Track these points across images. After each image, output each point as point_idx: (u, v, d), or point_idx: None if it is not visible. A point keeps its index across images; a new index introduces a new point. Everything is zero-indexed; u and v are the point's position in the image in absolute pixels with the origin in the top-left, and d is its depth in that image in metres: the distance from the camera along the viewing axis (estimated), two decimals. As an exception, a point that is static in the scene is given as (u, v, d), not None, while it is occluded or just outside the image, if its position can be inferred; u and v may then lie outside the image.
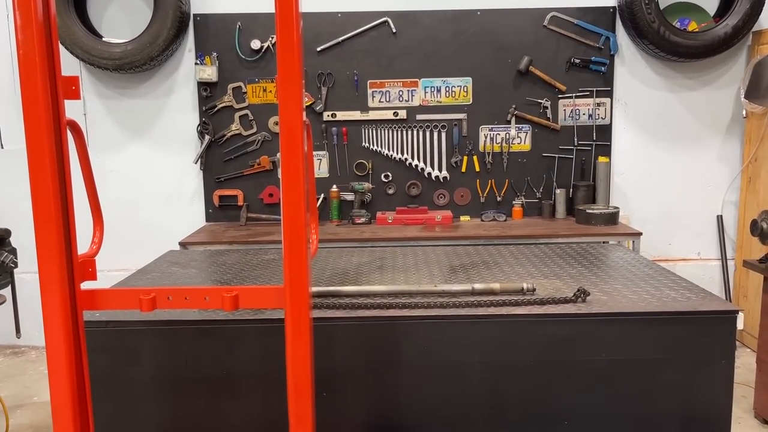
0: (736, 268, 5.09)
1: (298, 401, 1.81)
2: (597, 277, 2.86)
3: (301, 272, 1.74)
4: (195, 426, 2.39)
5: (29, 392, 4.21)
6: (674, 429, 2.43)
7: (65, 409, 1.79)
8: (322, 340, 2.27)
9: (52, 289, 1.70)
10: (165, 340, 2.35)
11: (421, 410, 2.41)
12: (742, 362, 4.34)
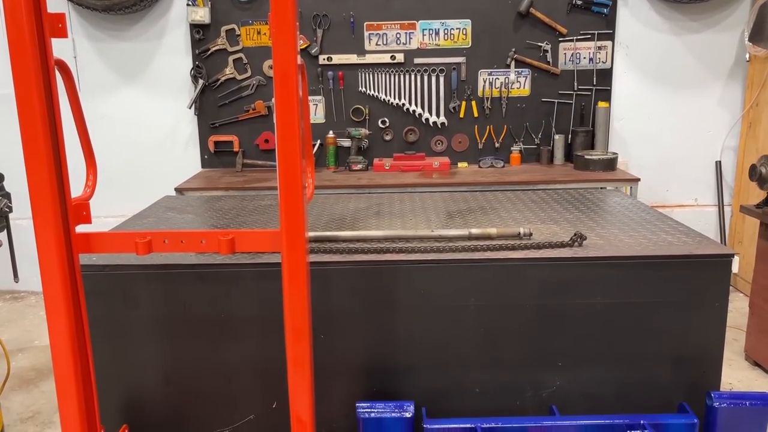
0: (733, 214, 5.11)
1: (295, 344, 1.83)
2: (594, 222, 2.86)
3: (297, 216, 1.73)
4: (194, 368, 2.43)
5: (30, 336, 4.26)
6: (666, 370, 2.47)
7: (65, 351, 1.81)
8: (319, 283, 2.28)
9: (46, 233, 1.69)
10: (162, 284, 2.36)
11: (417, 352, 2.45)
12: (735, 306, 4.40)
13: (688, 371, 2.47)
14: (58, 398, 1.86)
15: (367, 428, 2.27)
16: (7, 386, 3.48)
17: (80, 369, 1.87)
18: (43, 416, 3.24)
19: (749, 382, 3.50)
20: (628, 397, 2.48)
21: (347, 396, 2.44)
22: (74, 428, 1.88)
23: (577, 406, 2.45)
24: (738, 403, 2.29)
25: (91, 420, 1.96)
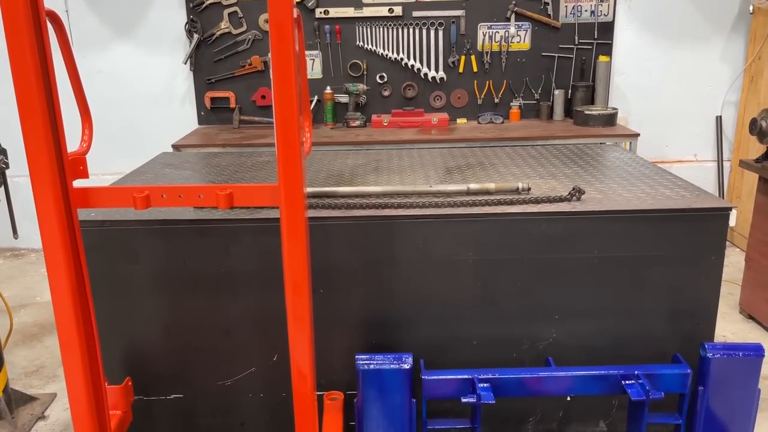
0: (732, 169, 5.10)
1: (295, 298, 1.85)
2: (593, 176, 2.86)
3: (295, 170, 1.72)
4: (195, 323, 2.46)
5: (32, 293, 4.29)
6: (662, 323, 2.50)
7: (66, 306, 1.82)
8: (318, 239, 2.29)
9: (44, 188, 1.68)
10: (162, 239, 2.36)
11: (415, 306, 2.47)
12: (731, 261, 4.43)
13: (683, 323, 2.50)
14: (62, 352, 1.88)
15: (366, 380, 2.31)
16: (10, 341, 3.52)
17: (82, 323, 1.89)
18: (47, 370, 3.29)
19: (743, 334, 3.55)
20: (623, 349, 2.52)
21: (347, 348, 2.47)
22: (78, 381, 1.91)
23: (572, 357, 2.49)
24: (731, 354, 2.32)
25: (94, 373, 1.99)
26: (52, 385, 3.15)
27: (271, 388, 2.53)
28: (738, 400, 2.37)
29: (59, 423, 2.83)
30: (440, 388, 2.34)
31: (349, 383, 2.50)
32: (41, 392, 3.06)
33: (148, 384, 2.52)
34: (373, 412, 2.35)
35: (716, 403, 2.38)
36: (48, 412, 2.91)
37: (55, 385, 3.14)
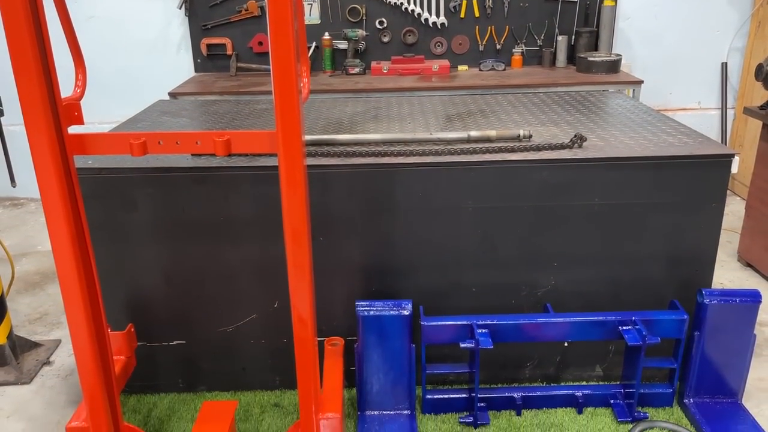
0: (735, 117, 5.04)
1: (295, 246, 1.84)
2: (595, 124, 2.83)
3: (293, 116, 1.70)
4: (195, 270, 2.47)
5: (33, 242, 4.30)
6: (660, 270, 2.52)
7: (66, 254, 1.82)
8: (318, 187, 2.28)
9: (38, 134, 1.66)
10: (160, 187, 2.35)
11: (415, 253, 2.48)
12: (731, 210, 4.42)
13: (681, 270, 2.52)
14: (64, 300, 1.90)
15: (366, 326, 2.34)
16: (13, 289, 3.55)
17: (83, 271, 1.89)
18: (51, 317, 3.33)
19: (740, 282, 3.57)
20: (621, 295, 2.54)
21: (347, 295, 2.49)
22: (81, 328, 1.93)
23: (571, 304, 2.52)
24: (728, 300, 2.34)
25: (97, 320, 2.00)
26: (57, 332, 3.19)
27: (272, 334, 2.57)
28: (733, 346, 2.41)
29: (64, 368, 2.88)
30: (439, 333, 2.37)
31: (349, 329, 2.53)
32: (45, 339, 3.10)
33: (151, 330, 2.55)
34: (373, 357, 2.39)
35: (711, 348, 2.41)
36: (53, 357, 2.96)
37: (59, 331, 3.18)
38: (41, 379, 2.83)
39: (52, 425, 2.53)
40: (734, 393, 2.49)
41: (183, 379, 2.66)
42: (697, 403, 2.48)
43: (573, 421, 2.47)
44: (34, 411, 2.62)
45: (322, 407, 2.11)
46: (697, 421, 2.39)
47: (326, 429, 2.10)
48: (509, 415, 2.50)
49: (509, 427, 2.44)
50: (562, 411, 2.52)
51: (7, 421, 2.57)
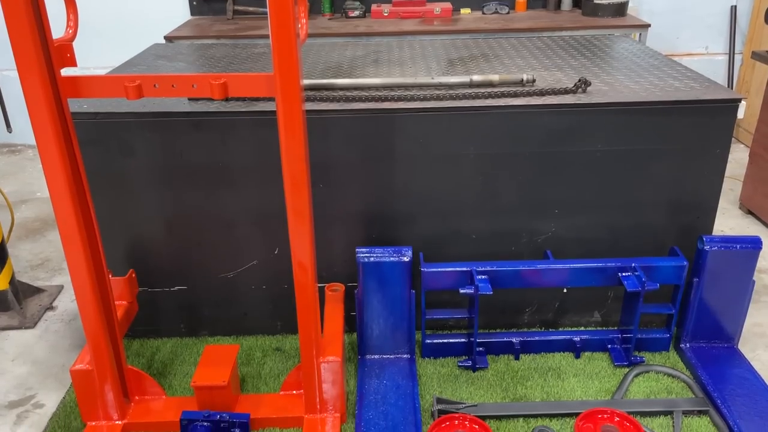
0: (743, 62, 4.95)
1: (294, 193, 1.83)
2: (600, 68, 2.77)
3: (291, 58, 1.66)
4: (195, 216, 2.46)
5: (32, 188, 4.29)
6: (661, 217, 2.51)
7: (64, 199, 1.81)
8: (317, 133, 2.24)
9: (31, 76, 1.62)
10: (157, 132, 2.32)
11: (415, 200, 2.47)
12: (734, 157, 4.39)
13: (683, 217, 2.51)
14: (64, 245, 1.90)
15: (366, 272, 2.35)
16: (13, 236, 3.55)
17: (81, 217, 1.89)
18: (53, 263, 3.35)
19: (741, 229, 3.57)
20: (622, 242, 2.54)
21: (347, 242, 2.49)
22: (82, 274, 1.94)
23: (571, 251, 2.52)
24: (728, 247, 2.34)
25: (97, 266, 2.01)
26: (59, 278, 3.20)
27: (272, 280, 2.58)
28: (731, 292, 2.42)
29: (68, 313, 2.90)
30: (439, 279, 2.38)
31: (349, 275, 2.54)
32: (48, 284, 3.12)
33: (152, 276, 2.56)
34: (374, 303, 2.41)
35: (710, 294, 2.42)
36: (56, 303, 2.98)
37: (61, 277, 3.20)
38: (45, 323, 2.86)
39: (57, 368, 2.57)
40: (730, 338, 2.51)
41: (185, 324, 2.69)
42: (693, 347, 2.51)
43: (570, 365, 2.50)
44: (38, 354, 2.66)
45: (322, 351, 2.14)
46: (693, 365, 2.42)
47: (327, 372, 2.13)
48: (507, 359, 2.54)
49: (507, 370, 2.47)
50: (560, 355, 2.55)
51: (12, 365, 2.61)
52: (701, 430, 2.17)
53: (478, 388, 2.38)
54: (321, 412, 2.19)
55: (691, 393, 2.33)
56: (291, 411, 2.21)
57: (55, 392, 2.43)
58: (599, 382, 2.41)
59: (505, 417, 2.23)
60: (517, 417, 2.23)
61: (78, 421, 2.23)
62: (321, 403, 2.18)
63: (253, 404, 2.24)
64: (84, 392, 2.13)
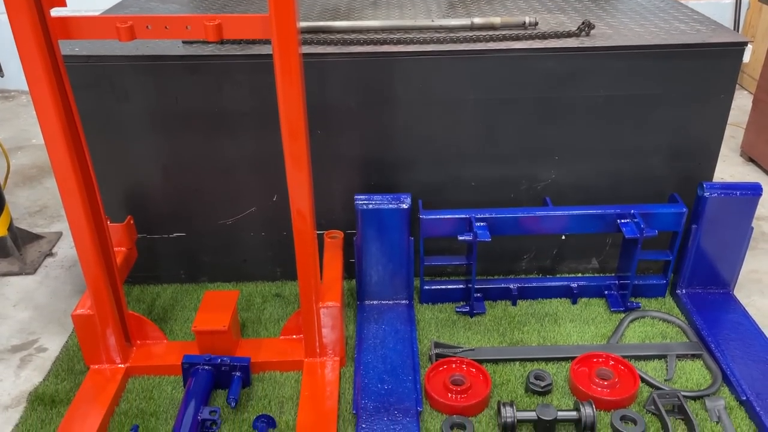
0: (750, 7, 4.84)
1: (292, 140, 1.81)
2: (604, 11, 2.70)
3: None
4: (192, 163, 2.44)
5: (27, 135, 4.24)
6: (662, 163, 2.49)
7: (59, 144, 1.79)
8: (314, 77, 2.20)
9: (20, 16, 1.57)
10: (152, 76, 2.27)
11: (414, 147, 2.44)
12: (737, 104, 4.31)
13: (684, 164, 2.49)
14: (60, 192, 1.88)
15: (365, 219, 2.34)
16: (10, 182, 3.53)
17: (77, 163, 1.87)
18: (51, 210, 3.34)
19: (741, 176, 3.56)
20: (622, 190, 2.53)
21: (346, 189, 2.48)
22: (80, 220, 1.93)
23: (570, 197, 2.51)
24: (728, 193, 2.33)
25: (95, 212, 2.00)
26: (57, 225, 3.20)
27: (271, 227, 2.58)
28: (729, 238, 2.42)
29: (67, 259, 2.91)
30: (438, 227, 2.38)
31: (348, 222, 2.54)
32: (47, 231, 3.12)
33: (151, 223, 2.56)
34: (372, 250, 2.41)
35: (708, 241, 2.43)
36: (55, 249, 2.99)
37: (60, 224, 3.20)
38: (45, 269, 2.88)
39: (59, 313, 2.59)
40: (726, 284, 2.53)
41: (185, 271, 2.70)
42: (689, 293, 2.53)
43: (567, 310, 2.53)
44: (39, 300, 2.68)
45: (322, 297, 2.15)
46: (688, 310, 2.45)
47: (326, 317, 2.15)
48: (505, 305, 2.56)
49: (504, 316, 2.50)
50: (557, 301, 2.58)
51: (13, 310, 2.63)
52: (694, 373, 2.21)
53: (476, 333, 2.41)
54: (321, 355, 2.22)
55: (686, 338, 2.37)
56: (291, 355, 2.25)
57: (57, 336, 2.46)
58: (595, 327, 2.44)
59: (502, 361, 2.27)
60: (514, 361, 2.27)
61: (81, 364, 2.27)
62: (321, 347, 2.21)
63: (254, 348, 2.27)
64: (86, 336, 2.15)
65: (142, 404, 2.11)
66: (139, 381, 2.20)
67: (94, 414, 2.01)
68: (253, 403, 2.11)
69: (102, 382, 2.15)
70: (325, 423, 1.98)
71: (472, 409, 2.05)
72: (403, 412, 2.00)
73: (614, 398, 2.05)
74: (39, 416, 2.08)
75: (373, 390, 2.10)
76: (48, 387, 2.20)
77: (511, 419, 1.96)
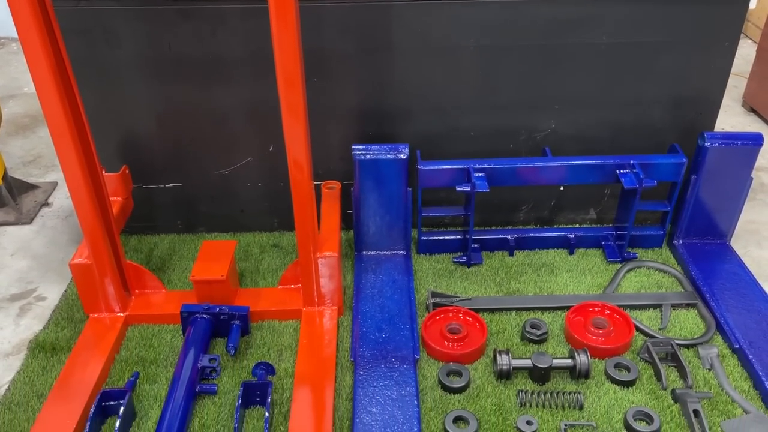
0: (757, -48, 4.71)
1: (288, 89, 1.77)
2: (608, -46, 2.62)
3: (283, -61, 1.55)
4: (187, 111, 2.40)
5: (18, 83, 4.17)
6: (663, 112, 2.46)
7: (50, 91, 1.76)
8: (310, 23, 2.14)
9: (4, -42, 1.52)
10: (143, 22, 2.21)
11: (413, 96, 2.40)
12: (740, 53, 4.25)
13: (685, 113, 2.46)
14: (54, 140, 1.86)
15: (362, 169, 2.33)
16: (3, 132, 3.49)
17: (70, 111, 1.84)
18: (45, 160, 3.31)
19: (743, 127, 3.52)
20: (622, 140, 2.51)
21: (343, 139, 2.45)
22: (74, 169, 1.91)
23: (570, 148, 2.49)
24: (729, 143, 2.31)
25: (90, 161, 1.98)
26: (52, 174, 3.18)
27: (268, 178, 2.56)
28: (728, 189, 2.42)
29: (64, 209, 2.90)
30: (436, 177, 2.37)
31: (346, 173, 2.52)
32: (42, 181, 3.09)
33: (147, 173, 2.54)
34: (370, 201, 2.40)
35: (707, 191, 2.42)
36: (51, 199, 2.97)
37: (55, 174, 3.17)
38: (41, 219, 2.87)
39: (57, 262, 2.59)
40: (723, 235, 2.54)
41: (182, 221, 2.69)
42: (686, 244, 2.54)
43: (564, 261, 2.54)
44: (37, 249, 2.68)
45: (319, 247, 2.15)
46: (685, 260, 2.46)
47: (324, 267, 2.15)
48: (502, 255, 2.57)
49: (501, 266, 2.51)
50: (554, 252, 2.59)
51: (11, 259, 2.64)
52: (688, 322, 2.23)
53: (473, 283, 2.43)
54: (319, 305, 2.24)
55: (681, 287, 2.39)
56: (289, 304, 2.26)
57: (56, 285, 2.47)
58: (592, 277, 2.45)
59: (498, 310, 2.29)
60: (510, 310, 2.29)
61: (80, 313, 2.28)
62: (319, 297, 2.22)
63: (252, 298, 2.28)
64: (84, 285, 2.16)
65: (142, 352, 2.14)
66: (138, 330, 2.22)
67: (95, 361, 2.04)
68: (252, 351, 2.14)
69: (102, 330, 2.17)
70: (324, 370, 2.01)
71: (469, 357, 2.08)
72: (401, 360, 2.03)
73: (609, 346, 2.08)
74: (40, 363, 2.10)
75: (370, 338, 2.12)
76: (48, 335, 2.22)
77: (507, 367, 1.99)
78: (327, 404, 1.89)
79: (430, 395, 1.97)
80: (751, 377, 2.01)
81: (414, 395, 1.91)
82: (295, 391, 1.93)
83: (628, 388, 1.98)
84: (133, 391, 1.95)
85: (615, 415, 1.89)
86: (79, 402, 1.89)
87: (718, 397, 1.94)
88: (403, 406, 1.88)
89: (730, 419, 1.87)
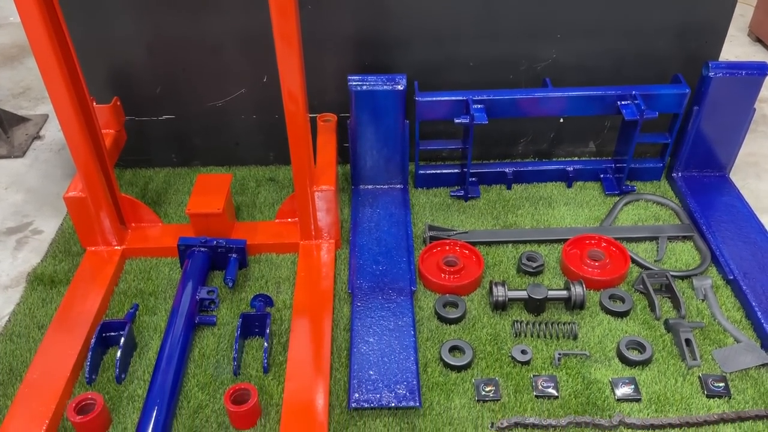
0: None
1: (281, 17, 1.71)
2: None
3: None
4: (178, 41, 2.33)
5: (4, 12, 4.02)
6: (667, 41, 2.39)
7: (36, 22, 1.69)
8: (304, -55, 2.06)
9: None
10: (129, -55, 2.12)
11: (410, 24, 2.33)
12: (749, -20, 4.13)
13: (690, 43, 2.40)
14: (41, 72, 1.81)
15: (358, 101, 2.28)
16: (-9, 64, 3.41)
17: (57, 41, 1.77)
18: (35, 92, 3.23)
19: (747, 57, 3.45)
20: (624, 70, 2.45)
21: (338, 69, 2.39)
22: (64, 100, 1.87)
23: (571, 78, 2.43)
24: (734, 73, 2.26)
25: (79, 92, 1.93)
26: (42, 107, 3.11)
27: (263, 110, 2.52)
28: (730, 120, 2.38)
29: (56, 142, 2.86)
30: (434, 109, 2.32)
31: (342, 105, 2.47)
32: (32, 113, 3.04)
33: (139, 105, 2.49)
34: (367, 134, 2.37)
35: (708, 123, 2.39)
36: (42, 132, 2.92)
37: (45, 106, 3.11)
38: (34, 152, 2.83)
39: (52, 196, 2.58)
40: (723, 167, 2.52)
41: (176, 154, 2.66)
42: (684, 176, 2.52)
43: (562, 194, 2.53)
44: (31, 183, 2.66)
45: (316, 180, 2.14)
46: (683, 193, 2.45)
47: (321, 201, 2.14)
48: (500, 189, 2.56)
49: (499, 199, 2.50)
50: (552, 185, 2.57)
51: (5, 192, 2.62)
52: (684, 254, 2.24)
53: (470, 217, 2.42)
54: (316, 238, 2.24)
55: (678, 220, 2.39)
56: (287, 237, 2.26)
57: (52, 219, 2.47)
58: (589, 210, 2.45)
59: (495, 243, 2.29)
60: (507, 243, 2.29)
61: (77, 246, 2.28)
62: (316, 230, 2.22)
63: (249, 231, 2.28)
64: (80, 219, 2.15)
65: (140, 284, 2.15)
66: (136, 263, 2.23)
67: (94, 293, 2.05)
68: (250, 284, 2.15)
69: (99, 263, 2.18)
70: (322, 301, 2.02)
71: (465, 288, 2.10)
72: (398, 291, 2.05)
73: (604, 278, 2.09)
74: (39, 296, 2.12)
75: (368, 271, 2.13)
76: (46, 268, 2.23)
77: (503, 298, 2.01)
78: (325, 334, 1.91)
79: (427, 326, 2.00)
80: (743, 308, 2.03)
81: (411, 325, 1.94)
82: (294, 322, 1.95)
83: (622, 318, 2.01)
84: (133, 323, 1.97)
85: (608, 345, 1.93)
86: (80, 333, 1.91)
87: (710, 327, 1.97)
88: (400, 336, 1.91)
89: (722, 348, 1.90)
